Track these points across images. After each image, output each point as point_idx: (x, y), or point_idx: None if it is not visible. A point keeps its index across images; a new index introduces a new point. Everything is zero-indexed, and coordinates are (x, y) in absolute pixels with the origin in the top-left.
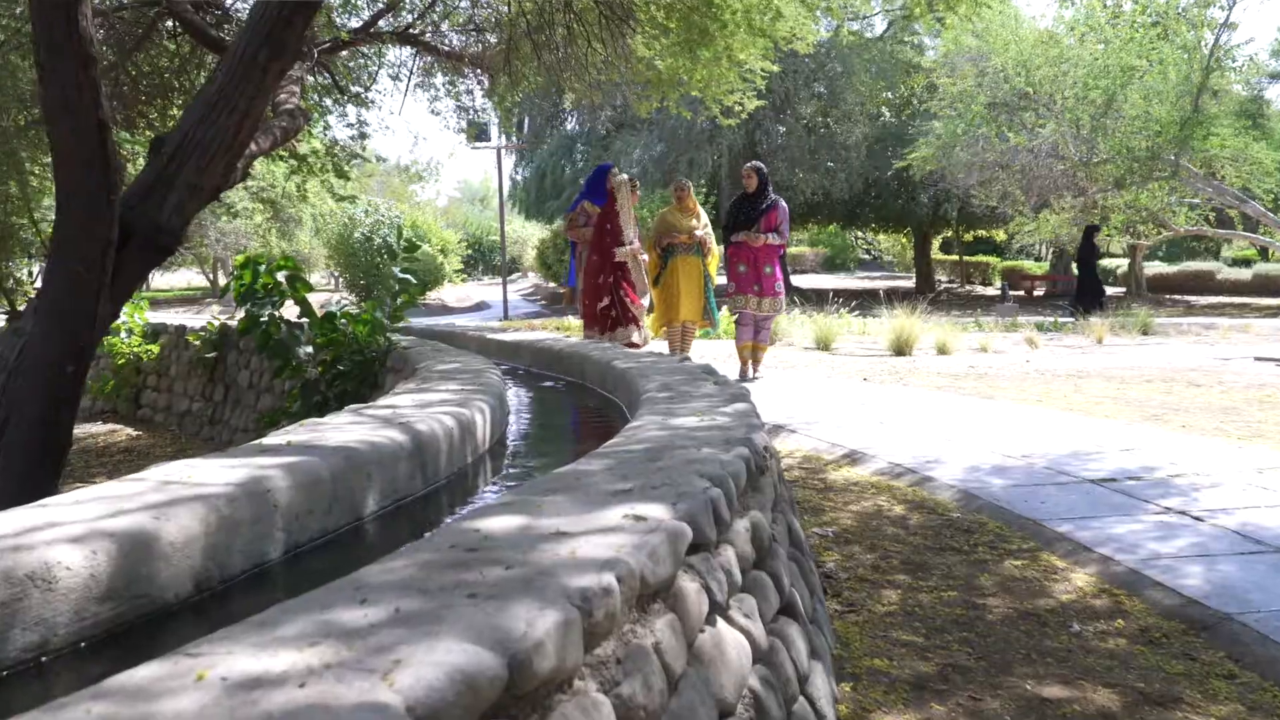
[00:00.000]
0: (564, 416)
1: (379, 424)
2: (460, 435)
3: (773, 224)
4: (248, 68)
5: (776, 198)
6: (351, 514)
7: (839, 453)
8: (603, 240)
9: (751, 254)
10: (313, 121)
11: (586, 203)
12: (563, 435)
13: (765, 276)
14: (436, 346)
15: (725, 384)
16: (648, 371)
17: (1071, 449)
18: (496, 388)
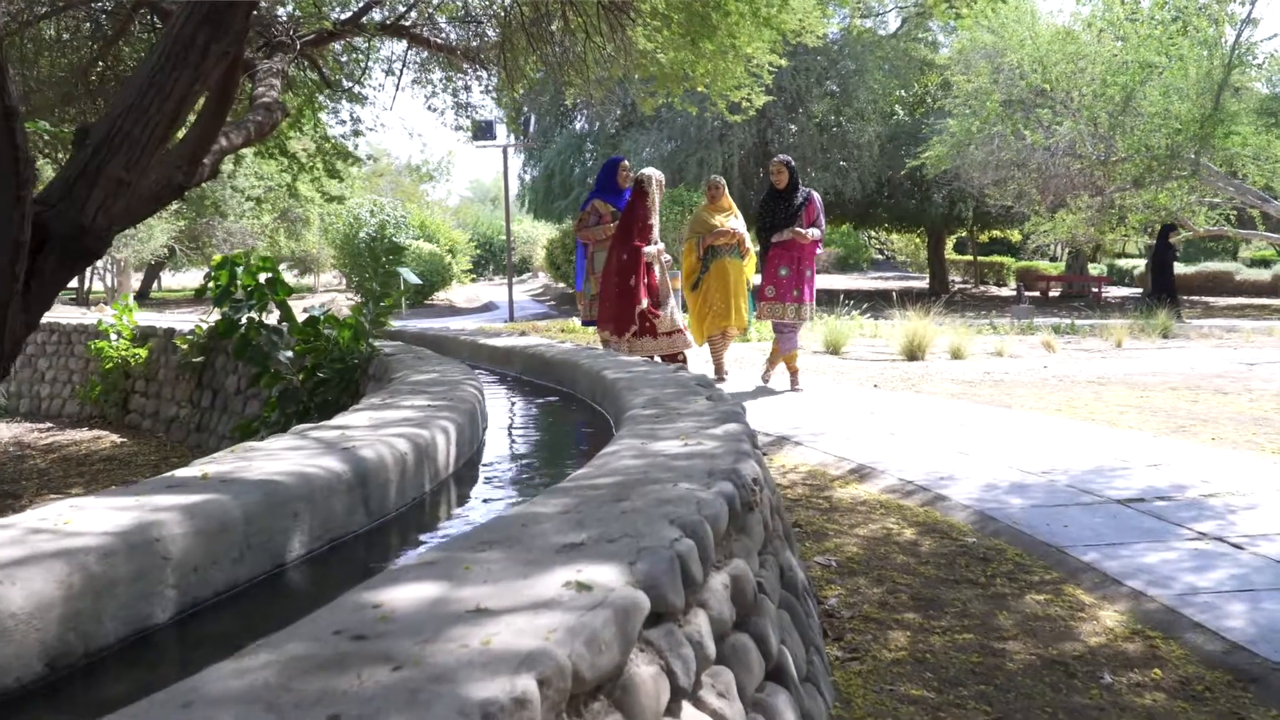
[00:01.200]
0: (546, 433)
1: (320, 450)
2: (416, 461)
3: (811, 219)
4: (184, 50)
5: (809, 191)
6: (271, 560)
7: (846, 467)
8: (630, 237)
9: (795, 255)
10: (305, 118)
11: (598, 200)
12: (539, 456)
13: (806, 280)
14: (420, 354)
15: (719, 400)
16: (637, 384)
17: (1095, 464)
18: (469, 403)
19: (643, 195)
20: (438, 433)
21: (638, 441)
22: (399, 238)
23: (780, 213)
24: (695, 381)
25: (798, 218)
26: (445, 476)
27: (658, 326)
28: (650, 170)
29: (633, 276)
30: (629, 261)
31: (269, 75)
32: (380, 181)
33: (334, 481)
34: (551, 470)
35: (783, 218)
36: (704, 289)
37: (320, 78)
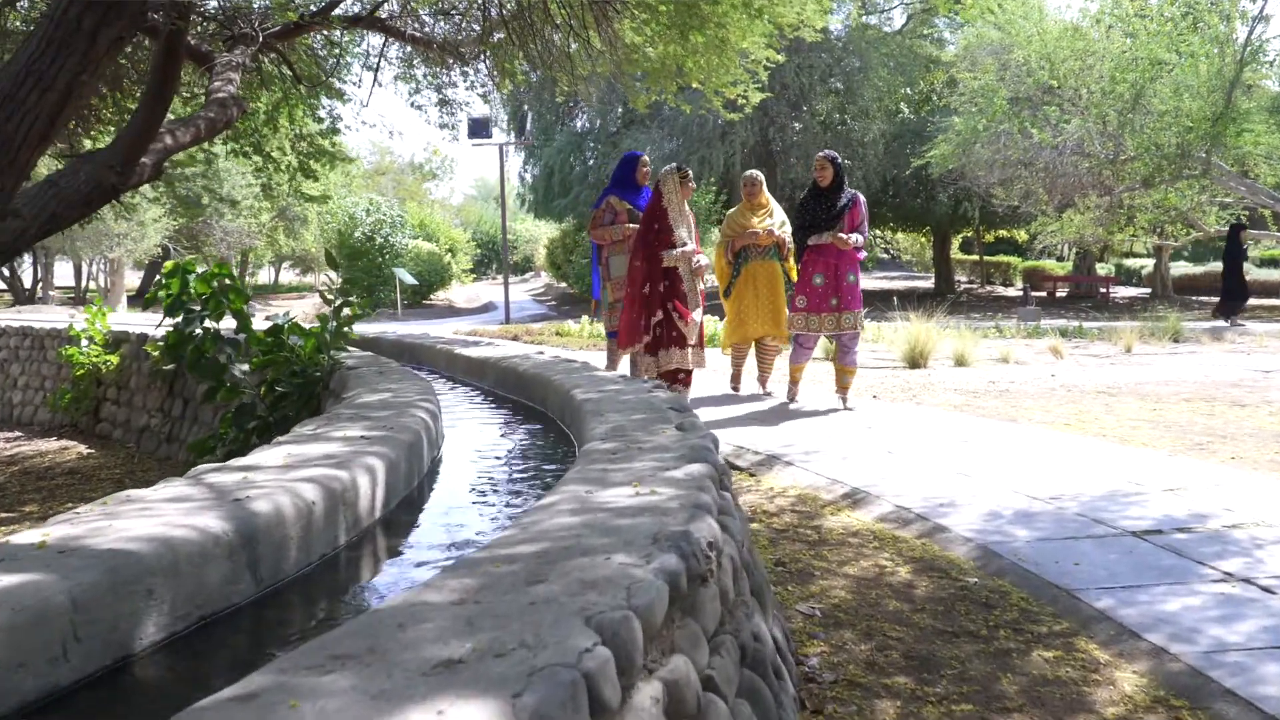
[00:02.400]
0: (502, 464)
1: (205, 502)
2: (327, 510)
3: (855, 223)
4: (68, 35)
5: (854, 192)
6: (113, 651)
7: (839, 491)
8: (649, 242)
9: (833, 261)
10: (281, 116)
11: (613, 198)
12: (487, 495)
13: (847, 287)
14: (384, 367)
15: (690, 430)
16: (605, 407)
17: (1107, 488)
18: (411, 432)
19: (658, 195)
20: (360, 473)
21: (582, 490)
22: (395, 237)
23: (820, 213)
24: (670, 405)
25: (839, 221)
26: (369, 524)
27: (687, 337)
28: (666, 167)
29: (646, 284)
30: (642, 268)
31: (227, 69)
32: (382, 180)
33: (208, 545)
34: (493, 512)
35: (823, 219)
36: (736, 295)
37: (292, 73)
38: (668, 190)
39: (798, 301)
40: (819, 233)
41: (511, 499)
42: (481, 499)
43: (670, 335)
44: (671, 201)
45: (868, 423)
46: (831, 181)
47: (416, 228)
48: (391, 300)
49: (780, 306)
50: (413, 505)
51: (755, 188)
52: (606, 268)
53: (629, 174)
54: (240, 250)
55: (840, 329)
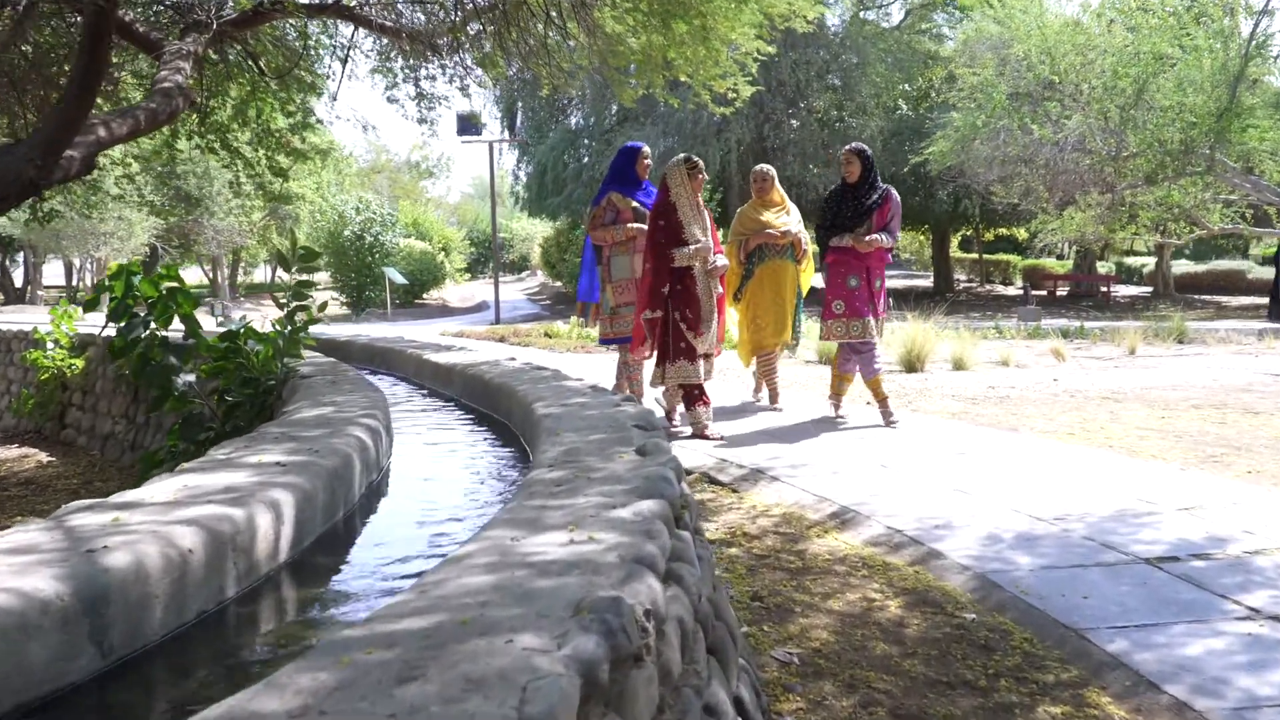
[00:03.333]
0: (449, 489)
1: (50, 555)
2: (210, 558)
3: (884, 221)
4: None
5: (886, 187)
6: None
7: (826, 510)
8: (657, 241)
9: (865, 262)
10: (250, 109)
11: (614, 194)
12: (426, 527)
13: (876, 291)
14: (340, 376)
15: (654, 453)
16: (563, 425)
17: (1116, 507)
18: (339, 457)
19: (665, 190)
20: (260, 510)
21: (507, 537)
22: (385, 236)
23: (846, 211)
24: (634, 422)
25: (867, 219)
26: (271, 570)
27: (696, 346)
28: (674, 159)
29: (653, 283)
30: (653, 269)
31: (177, 58)
32: (377, 178)
33: (32, 615)
34: (423, 548)
35: (849, 217)
36: (749, 298)
37: (254, 64)
38: (675, 184)
39: (834, 306)
40: (842, 233)
41: (452, 533)
42: (417, 532)
43: (679, 346)
44: (680, 196)
45: (860, 433)
46: (860, 177)
47: (409, 226)
48: (382, 300)
49: (787, 312)
50: (334, 543)
51: (767, 183)
52: (608, 269)
53: (628, 167)
54: (232, 249)
55: (876, 335)
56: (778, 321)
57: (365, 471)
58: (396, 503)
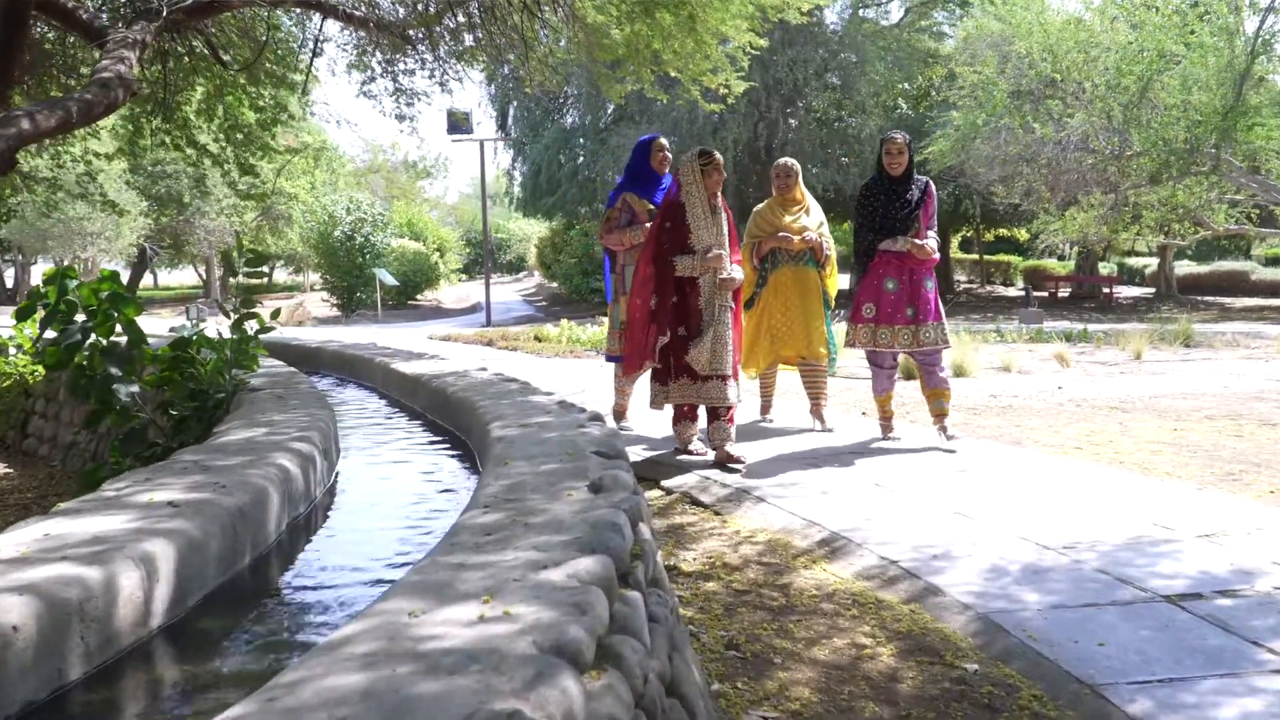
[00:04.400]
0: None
1: None
2: (42, 636)
3: (928, 220)
4: None
5: (925, 180)
6: None
7: (815, 537)
8: (659, 243)
9: (909, 264)
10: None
11: (630, 194)
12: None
13: (924, 294)
14: (291, 389)
15: (611, 488)
16: (515, 451)
17: (1131, 533)
18: (249, 493)
19: (674, 188)
20: (126, 568)
21: (405, 612)
22: (376, 236)
23: (893, 209)
24: (596, 448)
25: (914, 219)
26: (137, 640)
27: (695, 366)
28: (687, 154)
29: (654, 297)
30: (650, 276)
31: (121, 46)
32: (374, 178)
33: None
34: (330, 608)
35: (896, 217)
36: (762, 306)
37: (213, 55)
38: (686, 181)
39: (864, 310)
40: (893, 236)
41: (381, 583)
42: (335, 581)
43: (680, 364)
44: (691, 194)
45: (854, 448)
46: (906, 170)
47: (403, 227)
48: (373, 302)
49: (816, 322)
50: (232, 598)
51: (790, 180)
52: (621, 278)
53: (642, 163)
54: (223, 249)
55: (919, 345)
56: (795, 331)
57: (288, 505)
58: (322, 542)
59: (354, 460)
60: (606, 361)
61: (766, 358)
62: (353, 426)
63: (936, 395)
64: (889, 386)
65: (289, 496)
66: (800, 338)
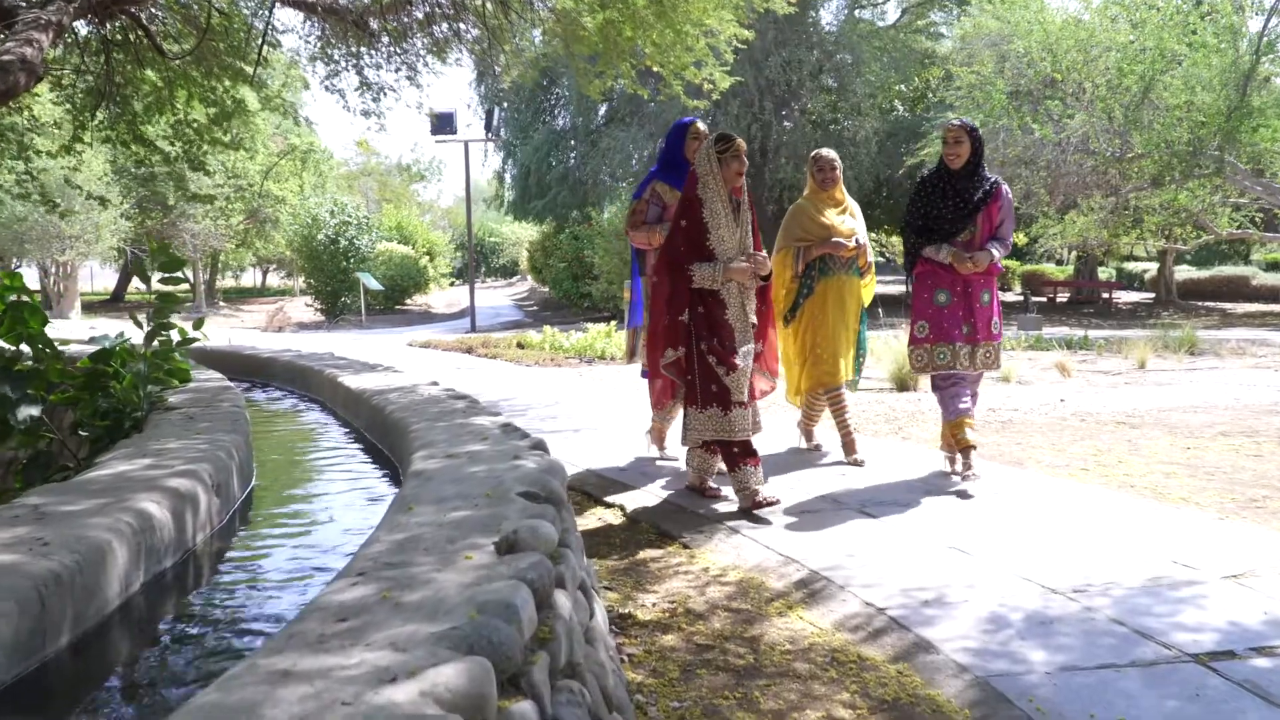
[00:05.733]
0: (267, 585)
1: None
2: None
3: (994, 224)
4: None
5: (995, 178)
6: None
7: (793, 576)
8: (674, 249)
9: (959, 275)
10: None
11: (659, 183)
12: (158, 689)
13: (981, 310)
14: (208, 409)
15: (523, 548)
16: (422, 493)
17: (1148, 573)
18: (74, 557)
19: (692, 180)
20: None
21: None
22: (361, 240)
23: (945, 209)
24: (524, 488)
25: (972, 221)
26: None
27: (730, 390)
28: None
29: (669, 312)
30: (664, 287)
31: (31, 28)
32: (365, 181)
33: None
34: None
35: (949, 218)
36: (807, 321)
37: (152, 44)
38: (702, 172)
39: (918, 329)
40: (941, 241)
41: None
42: (152, 685)
43: (708, 389)
44: (709, 188)
45: (841, 468)
46: (969, 162)
47: (392, 230)
48: (358, 307)
49: (851, 342)
50: (17, 707)
51: (834, 174)
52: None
53: (676, 149)
54: (209, 253)
55: (976, 365)
56: (844, 351)
57: (145, 559)
58: (184, 605)
59: (269, 492)
60: (641, 378)
61: (807, 382)
62: (279, 450)
63: (958, 425)
64: (961, 410)
65: (147, 549)
66: (846, 355)
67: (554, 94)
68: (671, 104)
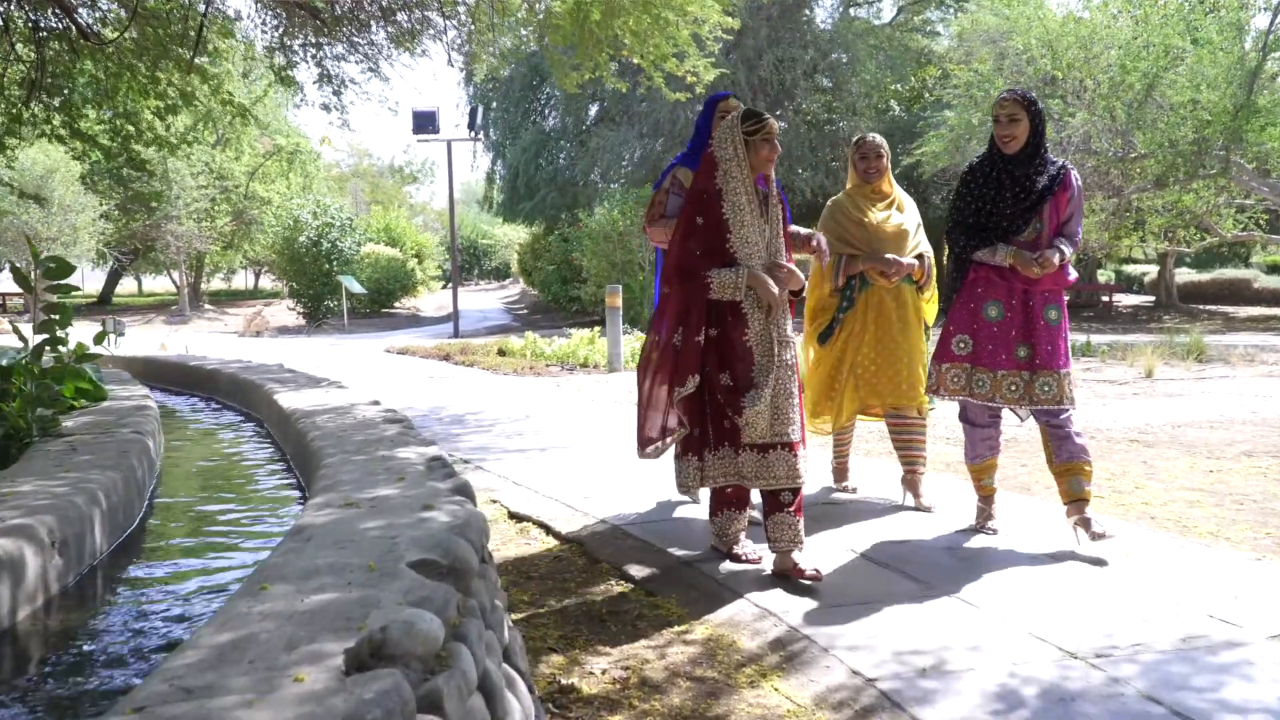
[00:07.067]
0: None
1: None
2: None
3: (1060, 220)
4: None
5: (1063, 163)
6: None
7: (770, 633)
8: (686, 250)
9: (1019, 284)
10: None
11: (682, 170)
12: None
13: (1044, 329)
14: (104, 437)
15: (380, 658)
16: (290, 561)
17: (1181, 631)
18: None
19: (710, 165)
20: None
21: None
22: (344, 242)
23: (1003, 203)
24: (419, 556)
25: (1035, 216)
26: None
27: (741, 431)
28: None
29: (680, 327)
30: (674, 298)
31: None
32: (357, 182)
33: None
34: None
35: (1010, 213)
36: (846, 338)
37: (79, 31)
38: (724, 156)
39: (955, 345)
40: (995, 241)
41: None
42: None
43: (721, 428)
44: (731, 176)
45: (828, 495)
46: (1027, 145)
47: (380, 232)
48: (341, 311)
49: (918, 359)
50: None
51: (880, 163)
52: None
53: (705, 130)
54: (193, 255)
55: (1033, 399)
56: (898, 372)
57: None
58: None
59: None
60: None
61: (849, 407)
62: (186, 484)
63: (1071, 471)
64: (988, 453)
65: None
66: (896, 381)
67: (543, 93)
68: (662, 104)
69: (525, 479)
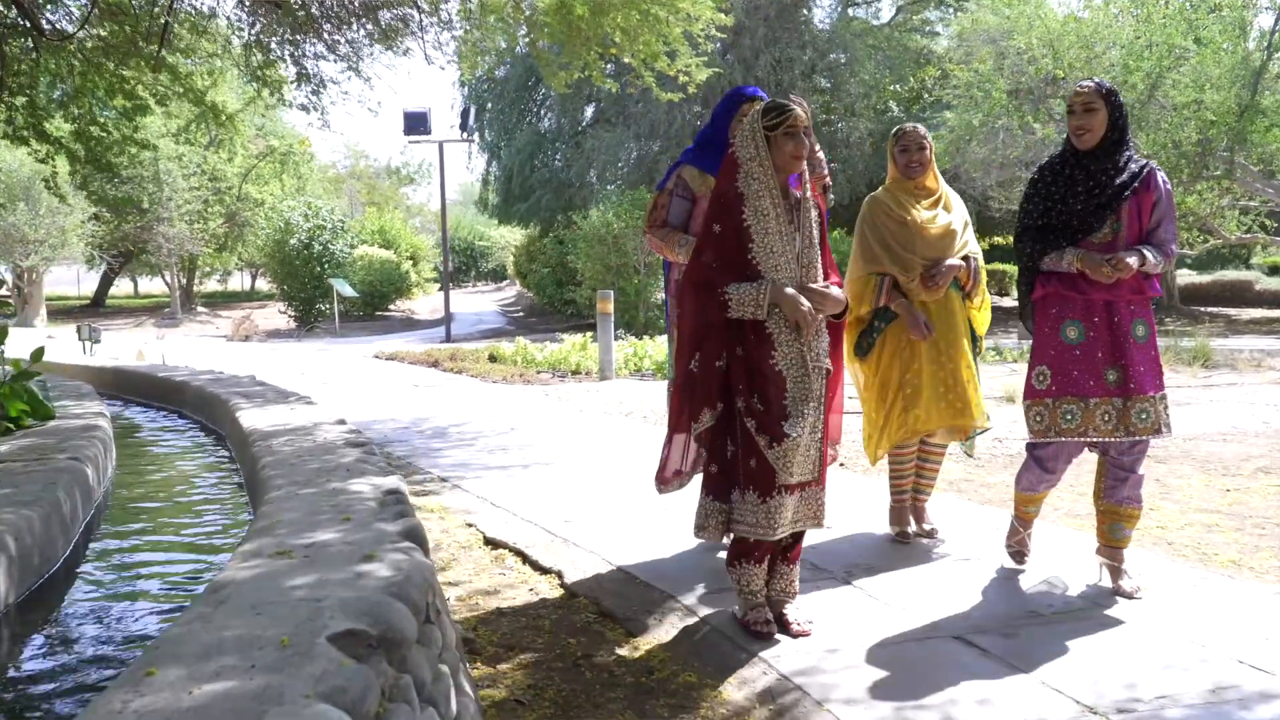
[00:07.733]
0: None
1: None
2: None
3: (1144, 224)
4: None
5: (1146, 162)
6: None
7: (758, 682)
8: (704, 264)
9: (1100, 297)
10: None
11: (689, 168)
12: None
13: (1135, 348)
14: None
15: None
16: (193, 634)
17: (1211, 679)
18: None
19: (731, 166)
20: None
21: None
22: (335, 244)
23: (1074, 201)
24: (345, 624)
25: (1113, 215)
26: None
27: (776, 468)
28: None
29: (696, 352)
30: (690, 316)
31: None
32: (353, 184)
33: None
34: None
35: (1079, 211)
36: (887, 351)
37: (32, 24)
38: (745, 155)
39: (1035, 377)
40: (1066, 245)
41: None
42: None
43: (748, 465)
44: (753, 177)
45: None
46: (1107, 136)
47: (374, 234)
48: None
49: (969, 375)
50: None
51: (923, 156)
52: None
53: (722, 124)
54: (185, 257)
55: (1129, 429)
56: (941, 391)
57: None
58: None
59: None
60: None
61: (898, 432)
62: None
63: (1117, 516)
64: (1043, 487)
65: None
66: (945, 399)
67: (538, 94)
68: (658, 105)
69: (505, 500)
